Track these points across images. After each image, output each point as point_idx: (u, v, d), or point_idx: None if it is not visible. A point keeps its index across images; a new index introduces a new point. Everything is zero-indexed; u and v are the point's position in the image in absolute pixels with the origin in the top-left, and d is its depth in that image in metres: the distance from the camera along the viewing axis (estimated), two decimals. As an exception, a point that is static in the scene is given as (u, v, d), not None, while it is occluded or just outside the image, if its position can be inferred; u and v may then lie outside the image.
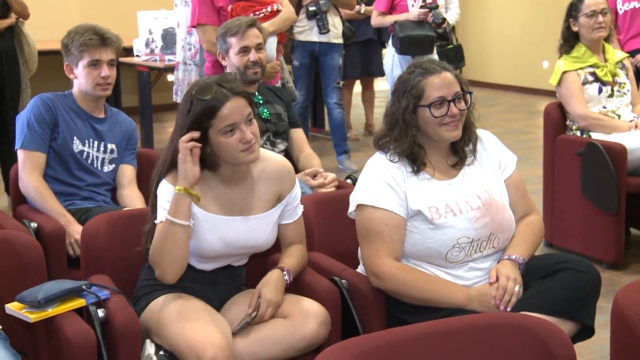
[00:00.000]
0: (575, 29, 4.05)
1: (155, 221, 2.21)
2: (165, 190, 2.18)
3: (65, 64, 3.02)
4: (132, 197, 3.04)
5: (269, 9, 3.98)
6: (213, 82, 2.14)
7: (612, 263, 3.85)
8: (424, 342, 1.69)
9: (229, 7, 3.91)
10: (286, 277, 2.26)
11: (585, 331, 2.19)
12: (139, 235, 2.32)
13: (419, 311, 2.20)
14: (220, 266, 2.31)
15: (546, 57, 8.69)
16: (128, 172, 3.13)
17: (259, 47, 3.24)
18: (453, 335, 1.72)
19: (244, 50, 3.20)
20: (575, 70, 4.00)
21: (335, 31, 5.64)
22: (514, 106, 8.70)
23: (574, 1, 4.08)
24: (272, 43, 3.77)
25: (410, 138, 2.26)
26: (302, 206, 2.41)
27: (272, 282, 2.25)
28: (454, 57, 5.75)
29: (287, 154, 3.37)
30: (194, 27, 4.10)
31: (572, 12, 4.06)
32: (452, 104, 2.24)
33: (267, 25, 3.72)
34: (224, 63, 3.30)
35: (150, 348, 2.14)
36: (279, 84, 4.00)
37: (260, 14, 3.92)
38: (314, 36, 5.60)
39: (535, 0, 9.24)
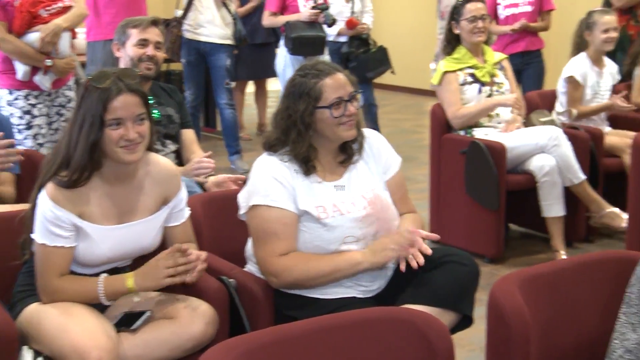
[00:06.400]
0: (457, 31, 4.19)
1: (32, 236, 2.16)
2: (46, 209, 2.12)
3: None
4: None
5: (60, 4, 3.89)
6: (112, 73, 2.13)
7: (493, 257, 4.01)
8: (309, 338, 1.72)
9: (17, 2, 3.76)
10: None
11: (465, 321, 2.28)
12: (15, 240, 2.25)
13: (307, 307, 2.24)
14: (103, 270, 2.27)
15: (433, 58, 8.92)
16: None
17: (158, 46, 3.21)
18: (338, 331, 1.76)
19: (143, 42, 3.17)
20: (455, 71, 4.15)
21: (222, 32, 5.61)
22: (404, 106, 8.90)
23: (456, 5, 4.23)
24: (65, 38, 3.76)
25: (307, 140, 2.28)
26: (189, 209, 2.40)
27: None
28: (382, 59, 5.85)
29: (179, 154, 3.35)
30: None
31: (455, 15, 4.21)
32: (348, 103, 2.28)
33: (59, 21, 3.69)
34: (117, 54, 3.25)
35: (27, 355, 2.08)
36: (71, 81, 3.96)
37: (51, 9, 3.82)
38: (200, 35, 5.57)
39: (424, 3, 9.49)
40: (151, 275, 2.15)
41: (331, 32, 5.79)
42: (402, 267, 2.22)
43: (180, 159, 3.32)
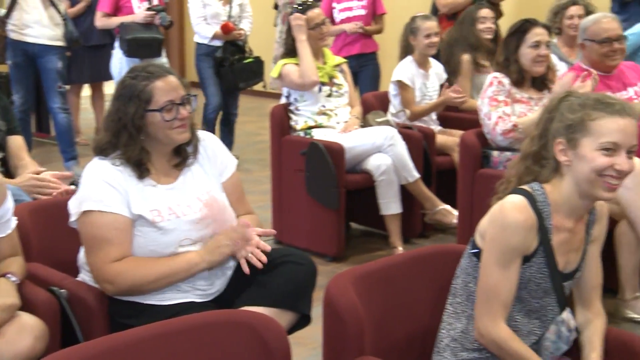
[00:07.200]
0: None
1: None
2: None
3: None
4: None
5: None
6: None
7: (334, 256, 4.09)
8: (144, 345, 1.69)
9: None
10: (13, 279, 2.14)
11: (304, 320, 2.31)
12: None
13: (144, 314, 2.18)
14: None
15: (272, 61, 8.98)
16: None
17: None
18: (174, 336, 1.74)
19: None
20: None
21: (52, 32, 5.38)
22: (246, 109, 8.89)
23: (295, 13, 4.29)
24: None
25: (139, 144, 2.24)
26: (16, 218, 2.27)
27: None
28: (257, 71, 5.76)
29: (5, 162, 3.17)
30: None
31: None
32: (180, 107, 2.25)
33: None
34: None
35: None
36: None
37: None
38: (27, 36, 5.31)
39: (262, 5, 9.53)
40: None
41: (206, 35, 5.71)
42: (245, 269, 2.23)
43: (6, 166, 3.14)
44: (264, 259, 2.23)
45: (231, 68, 5.71)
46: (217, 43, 5.76)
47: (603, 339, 1.99)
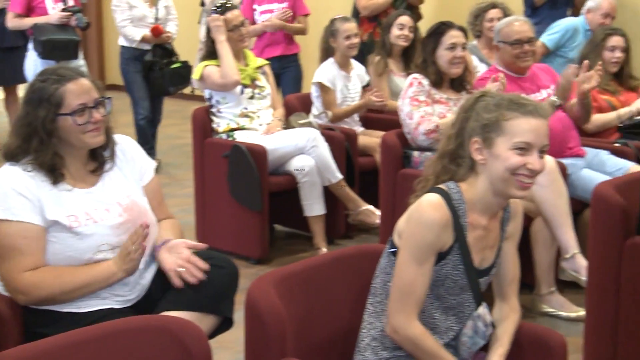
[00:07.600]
0: None
1: None
2: None
3: None
4: None
5: None
6: None
7: (259, 258, 4.08)
8: (60, 353, 1.65)
9: None
10: None
11: (226, 323, 2.30)
12: None
13: (61, 323, 2.12)
14: None
15: (197, 61, 8.89)
16: None
17: None
18: (91, 344, 1.70)
19: None
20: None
21: None
22: (169, 112, 8.74)
23: (212, 15, 4.27)
24: None
25: (51, 148, 2.18)
26: None
27: None
28: (185, 76, 5.65)
29: None
30: None
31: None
32: (93, 110, 2.20)
33: None
34: None
35: None
36: None
37: None
38: None
39: (188, 6, 9.42)
40: None
41: (134, 38, 5.63)
42: (177, 283, 2.20)
43: None
44: (200, 275, 2.21)
45: (161, 72, 5.63)
46: (145, 46, 5.67)
47: (513, 335, 2.03)
